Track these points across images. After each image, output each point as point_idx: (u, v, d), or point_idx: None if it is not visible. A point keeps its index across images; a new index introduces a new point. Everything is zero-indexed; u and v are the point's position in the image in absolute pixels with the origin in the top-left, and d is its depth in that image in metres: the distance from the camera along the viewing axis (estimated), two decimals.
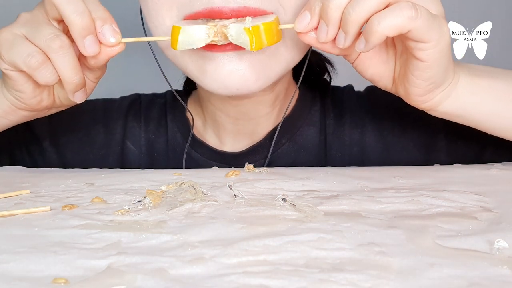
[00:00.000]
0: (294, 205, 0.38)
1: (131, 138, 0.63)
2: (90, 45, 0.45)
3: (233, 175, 0.49)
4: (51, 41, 0.44)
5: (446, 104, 0.46)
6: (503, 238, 0.30)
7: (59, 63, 0.45)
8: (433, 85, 0.44)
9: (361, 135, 0.60)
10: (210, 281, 0.26)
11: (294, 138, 0.60)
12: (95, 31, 0.45)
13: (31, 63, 0.45)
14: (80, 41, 0.45)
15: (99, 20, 0.45)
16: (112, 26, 0.45)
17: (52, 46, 0.44)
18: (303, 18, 0.42)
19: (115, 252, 0.30)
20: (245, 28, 0.43)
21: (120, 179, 0.48)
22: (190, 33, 0.44)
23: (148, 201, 0.39)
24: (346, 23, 0.40)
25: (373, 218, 0.36)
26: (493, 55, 0.49)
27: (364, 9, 0.39)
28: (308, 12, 0.42)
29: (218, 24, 0.45)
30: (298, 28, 0.43)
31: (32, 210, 0.39)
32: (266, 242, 0.31)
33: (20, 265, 0.29)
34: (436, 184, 0.44)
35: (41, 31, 0.45)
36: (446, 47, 0.42)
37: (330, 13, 0.40)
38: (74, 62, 0.46)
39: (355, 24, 0.40)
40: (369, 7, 0.39)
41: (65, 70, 0.45)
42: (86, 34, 0.45)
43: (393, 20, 0.39)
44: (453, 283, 0.26)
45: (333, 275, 0.27)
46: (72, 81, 0.46)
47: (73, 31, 0.45)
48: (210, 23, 0.45)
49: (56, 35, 0.45)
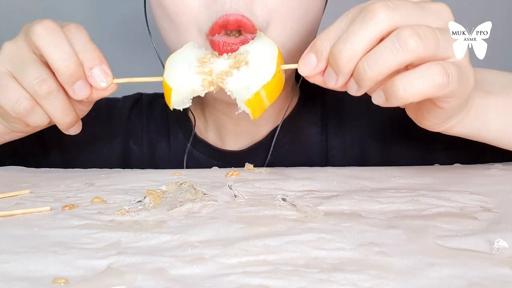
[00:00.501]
0: (294, 205, 0.38)
1: (133, 138, 0.64)
2: (80, 90, 0.43)
3: (233, 175, 0.49)
4: (37, 86, 0.42)
5: (458, 128, 0.44)
6: (503, 238, 0.30)
7: (48, 108, 0.44)
8: (448, 119, 0.42)
9: (362, 135, 0.60)
10: (210, 281, 0.26)
11: (295, 137, 0.60)
12: (84, 75, 0.43)
13: (19, 110, 0.43)
14: (69, 87, 0.43)
15: (88, 63, 0.43)
16: (102, 68, 0.43)
17: (39, 92, 0.43)
18: (308, 61, 0.38)
19: (115, 252, 0.30)
20: (245, 101, 0.40)
21: (120, 179, 0.48)
22: (182, 90, 0.42)
23: (148, 201, 0.39)
24: (360, 79, 0.36)
25: (373, 218, 0.36)
26: (493, 55, 0.49)
27: (383, 69, 0.35)
28: (314, 55, 0.38)
29: (213, 75, 0.42)
30: (303, 72, 0.39)
31: (32, 210, 0.39)
32: (266, 242, 0.31)
33: (20, 265, 0.29)
34: (436, 184, 0.44)
35: (27, 72, 0.43)
36: (470, 91, 0.38)
37: (341, 64, 0.36)
38: (64, 106, 0.44)
39: (371, 82, 0.36)
40: (389, 66, 0.35)
41: (55, 114, 0.44)
42: (74, 81, 0.43)
43: (421, 88, 0.35)
44: (453, 283, 0.26)
45: (333, 275, 0.27)
46: (64, 122, 0.45)
47: (60, 78, 0.43)
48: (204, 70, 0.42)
49: (42, 79, 0.43)
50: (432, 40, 0.34)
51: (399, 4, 0.35)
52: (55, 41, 0.42)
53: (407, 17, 0.35)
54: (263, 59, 0.41)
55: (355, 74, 0.36)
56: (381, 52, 0.35)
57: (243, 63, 0.41)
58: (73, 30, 0.44)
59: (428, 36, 0.34)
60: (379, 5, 0.35)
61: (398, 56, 0.34)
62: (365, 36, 0.35)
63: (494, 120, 0.45)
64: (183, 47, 0.44)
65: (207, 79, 0.41)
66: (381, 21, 0.34)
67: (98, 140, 0.63)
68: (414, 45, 0.34)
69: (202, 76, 0.42)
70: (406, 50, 0.34)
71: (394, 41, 0.34)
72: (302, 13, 0.49)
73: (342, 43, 0.35)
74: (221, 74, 0.41)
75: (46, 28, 0.42)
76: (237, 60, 0.41)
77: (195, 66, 0.42)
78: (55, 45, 0.42)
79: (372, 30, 0.35)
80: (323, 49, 0.37)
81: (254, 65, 0.41)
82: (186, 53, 0.43)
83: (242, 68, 0.41)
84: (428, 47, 0.34)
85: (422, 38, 0.34)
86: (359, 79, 0.36)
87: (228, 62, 0.42)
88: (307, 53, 0.38)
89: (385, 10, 0.34)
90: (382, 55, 0.35)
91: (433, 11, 0.36)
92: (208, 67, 0.42)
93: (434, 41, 0.34)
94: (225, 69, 0.41)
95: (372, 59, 0.35)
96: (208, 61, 0.42)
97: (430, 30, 0.35)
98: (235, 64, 0.41)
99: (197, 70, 0.42)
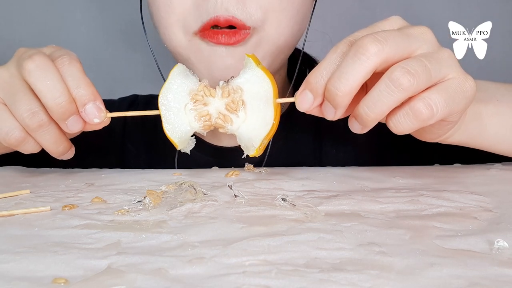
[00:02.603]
0: (294, 205, 0.38)
1: (130, 139, 0.65)
2: (73, 125, 0.43)
3: (233, 175, 0.49)
4: (28, 119, 0.42)
5: (455, 136, 0.45)
6: (503, 238, 0.30)
7: (40, 140, 0.44)
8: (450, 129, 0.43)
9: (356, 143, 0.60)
10: (210, 281, 0.26)
11: (289, 134, 0.61)
12: (77, 110, 0.43)
13: (11, 141, 0.44)
14: (62, 123, 0.43)
15: (81, 99, 0.43)
16: (95, 104, 0.43)
17: (30, 125, 0.43)
18: (305, 98, 0.39)
19: (115, 252, 0.30)
20: (251, 154, 0.42)
21: (120, 179, 0.48)
22: (185, 139, 0.43)
23: (148, 201, 0.39)
24: (364, 121, 0.38)
25: (373, 218, 0.36)
26: (493, 55, 0.49)
27: (383, 110, 0.36)
28: (310, 93, 0.39)
29: (212, 120, 0.42)
30: (301, 108, 0.40)
31: (32, 210, 0.39)
32: (266, 242, 0.31)
33: (20, 265, 0.29)
34: (436, 184, 0.44)
35: (19, 104, 0.43)
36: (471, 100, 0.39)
37: (338, 100, 0.37)
38: (56, 137, 0.44)
39: (374, 123, 0.38)
40: (388, 107, 0.36)
41: (47, 145, 0.45)
42: (67, 117, 0.43)
43: (409, 125, 0.37)
44: (453, 283, 0.26)
45: (333, 275, 0.27)
46: (56, 152, 0.46)
47: (53, 115, 0.43)
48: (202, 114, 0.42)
49: (33, 112, 0.42)
50: (422, 73, 0.36)
51: (386, 36, 0.36)
52: (46, 78, 0.42)
53: (396, 48, 0.36)
54: (260, 101, 0.42)
55: (358, 117, 0.38)
56: (378, 94, 0.36)
57: (239, 104, 0.42)
58: (66, 64, 0.43)
59: (419, 71, 0.35)
60: (369, 40, 0.36)
61: (395, 96, 0.36)
62: (360, 72, 0.36)
63: (489, 126, 0.46)
64: (170, 77, 0.43)
65: (206, 124, 0.42)
66: (373, 55, 0.35)
67: (95, 142, 0.63)
68: (408, 84, 0.35)
69: (201, 122, 0.42)
70: (401, 89, 0.35)
71: (388, 83, 0.35)
72: (295, 12, 0.52)
73: (338, 80, 0.36)
74: (220, 118, 0.42)
75: (38, 64, 0.42)
76: (233, 100, 0.42)
77: (191, 108, 0.42)
78: (46, 83, 0.42)
79: (366, 65, 0.36)
80: (318, 86, 0.38)
81: (251, 107, 0.42)
82: (175, 88, 0.43)
83: (240, 113, 0.42)
84: (421, 81, 0.35)
85: (414, 75, 0.35)
86: (363, 121, 0.38)
87: (223, 102, 0.42)
88: (303, 90, 0.39)
89: (375, 44, 0.35)
90: (380, 97, 0.36)
91: (416, 36, 0.38)
92: (205, 111, 0.42)
93: (425, 73, 0.36)
94: (222, 112, 0.42)
95: (372, 103, 0.36)
96: (201, 99, 0.42)
97: (419, 64, 0.36)
98: (231, 105, 0.42)
99: (195, 114, 0.42)
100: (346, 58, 0.36)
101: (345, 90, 0.36)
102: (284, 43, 0.53)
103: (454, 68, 0.37)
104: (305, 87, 0.39)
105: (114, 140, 0.65)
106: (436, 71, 0.36)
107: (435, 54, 0.37)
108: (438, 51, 0.37)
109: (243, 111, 0.42)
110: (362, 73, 0.36)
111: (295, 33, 0.53)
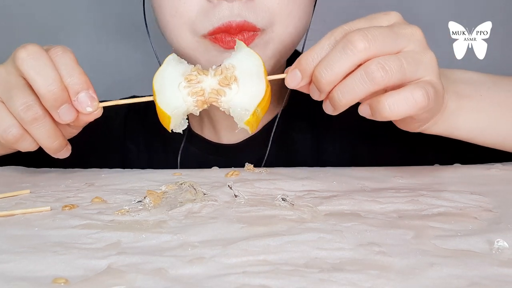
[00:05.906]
0: (293, 205, 0.38)
1: (130, 138, 0.66)
2: (65, 114, 0.43)
3: (233, 175, 0.49)
4: (23, 113, 0.43)
5: (434, 128, 0.46)
6: (503, 238, 0.30)
7: (35, 134, 0.44)
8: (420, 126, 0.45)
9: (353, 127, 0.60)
10: (210, 281, 0.26)
11: (288, 131, 0.61)
12: (69, 99, 0.43)
13: (9, 139, 0.44)
14: (54, 112, 0.43)
15: (74, 87, 0.43)
16: (88, 93, 0.43)
17: (25, 118, 0.43)
18: (294, 76, 0.41)
19: (115, 252, 0.30)
20: (244, 122, 0.42)
21: (120, 179, 0.48)
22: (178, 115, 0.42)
23: (148, 201, 0.39)
24: (336, 105, 0.40)
25: (373, 218, 0.36)
26: (493, 55, 0.49)
27: (354, 97, 0.39)
28: (299, 72, 0.41)
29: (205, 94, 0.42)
30: (289, 85, 0.42)
31: (32, 210, 0.39)
32: (266, 242, 0.31)
33: (20, 265, 0.29)
34: (436, 184, 0.44)
35: (14, 98, 0.43)
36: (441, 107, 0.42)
37: (322, 86, 0.39)
38: (50, 131, 0.45)
39: (344, 107, 0.40)
40: (359, 95, 0.38)
41: (42, 139, 0.45)
42: (59, 105, 0.43)
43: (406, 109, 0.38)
44: (453, 283, 0.26)
45: (333, 275, 0.27)
46: (51, 147, 0.46)
47: (45, 103, 0.43)
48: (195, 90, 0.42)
49: (28, 105, 0.43)
50: (397, 71, 0.38)
51: (376, 35, 0.38)
52: (39, 66, 0.42)
53: (383, 47, 0.38)
54: (251, 75, 0.42)
55: (331, 100, 0.40)
56: (351, 83, 0.38)
57: (232, 79, 0.42)
58: (59, 54, 0.43)
59: (393, 68, 0.38)
60: (359, 37, 0.38)
61: (366, 87, 0.38)
62: (345, 64, 0.38)
63: (464, 121, 0.47)
64: (164, 63, 0.43)
65: (200, 99, 0.42)
66: (359, 51, 0.38)
67: (96, 142, 0.63)
68: (380, 79, 0.38)
69: (194, 97, 0.42)
70: (373, 82, 0.38)
71: (363, 75, 0.38)
72: (300, 11, 0.53)
73: (324, 68, 0.39)
74: (213, 93, 0.42)
75: (30, 53, 0.43)
76: (225, 76, 0.42)
77: (185, 86, 0.42)
78: (39, 70, 0.42)
79: (351, 60, 0.38)
80: (307, 68, 0.40)
81: (244, 81, 0.42)
82: (169, 71, 0.43)
83: (233, 86, 0.42)
84: (393, 78, 0.38)
85: (388, 72, 0.38)
86: (335, 105, 0.40)
87: (216, 79, 0.42)
88: (294, 69, 0.41)
89: (364, 42, 0.38)
90: (353, 85, 0.38)
91: (405, 35, 0.39)
92: (198, 87, 0.42)
93: (399, 72, 0.38)
94: (215, 87, 0.42)
95: (345, 89, 0.39)
96: (195, 78, 0.42)
97: (396, 62, 0.38)
98: (224, 81, 0.42)
99: (188, 91, 0.42)
100: (335, 48, 0.39)
101: (329, 78, 0.39)
102: (291, 42, 0.54)
103: (430, 72, 0.39)
104: (296, 66, 0.41)
105: (115, 139, 0.66)
106: (411, 72, 0.38)
107: (416, 55, 0.39)
108: (421, 53, 0.39)
109: (236, 85, 0.42)
110: (346, 66, 0.38)
111: (300, 31, 0.54)
